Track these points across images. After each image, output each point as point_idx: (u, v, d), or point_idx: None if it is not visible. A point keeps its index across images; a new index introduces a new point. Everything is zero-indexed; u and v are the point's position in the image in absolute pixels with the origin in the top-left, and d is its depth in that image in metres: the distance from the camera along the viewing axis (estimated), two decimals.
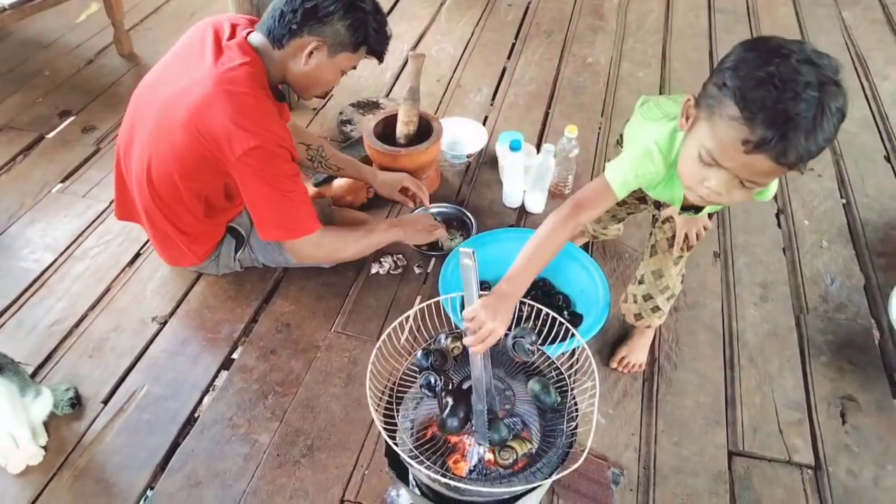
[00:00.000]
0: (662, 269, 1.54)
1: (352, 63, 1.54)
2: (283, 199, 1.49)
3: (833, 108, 0.94)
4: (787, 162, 0.97)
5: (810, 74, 0.93)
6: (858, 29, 3.20)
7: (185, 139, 1.45)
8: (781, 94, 0.93)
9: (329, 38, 1.46)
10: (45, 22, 2.92)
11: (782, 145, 0.94)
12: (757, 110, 0.94)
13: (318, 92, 1.61)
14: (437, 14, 3.20)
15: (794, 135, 0.93)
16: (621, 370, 1.68)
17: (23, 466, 1.43)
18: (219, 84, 1.40)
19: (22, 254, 1.92)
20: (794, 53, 0.95)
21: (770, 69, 0.94)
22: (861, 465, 1.52)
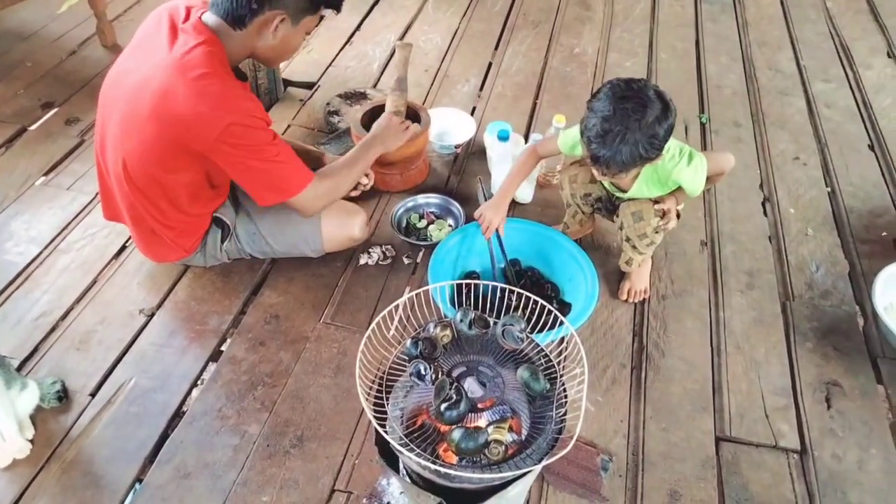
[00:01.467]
0: (643, 211, 1.65)
1: (314, 23, 1.55)
2: (270, 165, 1.50)
3: (644, 145, 1.39)
4: (608, 172, 1.46)
5: (627, 121, 1.37)
6: (842, 18, 3.22)
7: (154, 130, 1.43)
8: (600, 141, 1.40)
9: (290, 8, 1.45)
10: (27, 13, 2.88)
11: (599, 163, 1.44)
12: (587, 142, 1.43)
13: (286, 59, 1.65)
14: (424, 4, 3.18)
15: (603, 157, 1.41)
16: (632, 300, 1.83)
17: (9, 460, 1.42)
18: (177, 69, 1.38)
19: (6, 247, 1.90)
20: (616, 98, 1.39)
21: (599, 114, 1.40)
22: (845, 448, 1.54)
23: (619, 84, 1.42)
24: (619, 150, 1.38)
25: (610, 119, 1.38)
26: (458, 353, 1.24)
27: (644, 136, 1.38)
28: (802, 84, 2.76)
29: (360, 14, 3.08)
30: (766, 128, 2.51)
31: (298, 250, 1.80)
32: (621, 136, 1.37)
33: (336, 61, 2.77)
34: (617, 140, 1.38)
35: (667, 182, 1.61)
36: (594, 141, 1.41)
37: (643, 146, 1.39)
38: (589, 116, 1.43)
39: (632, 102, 1.38)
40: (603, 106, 1.40)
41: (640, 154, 1.40)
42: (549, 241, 1.83)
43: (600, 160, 1.42)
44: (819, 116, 2.58)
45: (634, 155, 1.40)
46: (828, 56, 2.94)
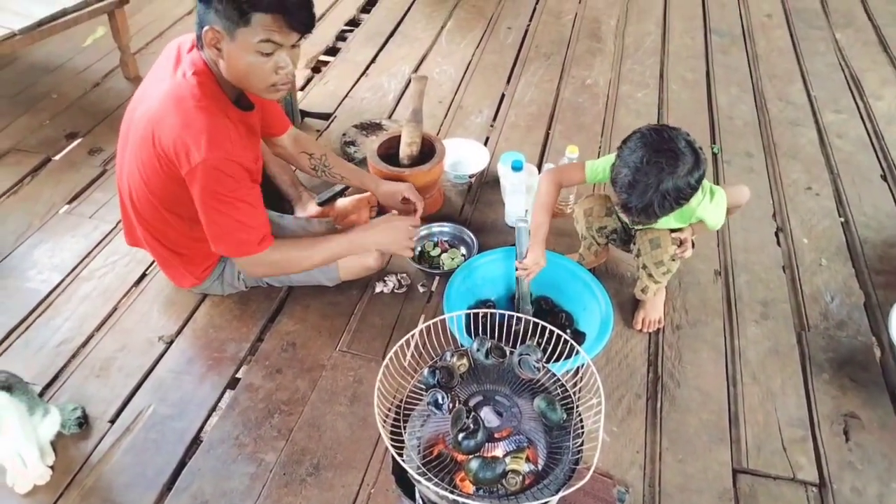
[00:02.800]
0: (660, 238, 1.66)
1: (257, 37, 1.34)
2: (227, 219, 1.47)
3: (672, 198, 1.41)
4: (636, 221, 1.54)
5: (651, 170, 1.39)
6: (852, 50, 3.25)
7: (147, 156, 1.47)
8: (631, 182, 1.42)
9: (219, 21, 1.34)
10: (53, 46, 2.96)
11: (629, 212, 1.47)
12: (618, 189, 1.45)
13: (261, 85, 1.43)
14: (438, 37, 3.25)
15: (634, 209, 1.44)
16: (646, 330, 1.83)
17: (30, 486, 1.43)
18: (169, 98, 1.41)
19: (29, 274, 1.94)
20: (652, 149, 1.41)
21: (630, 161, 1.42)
22: (865, 482, 1.53)
23: (651, 133, 1.44)
24: (650, 201, 1.40)
25: (641, 170, 1.40)
26: (474, 383, 1.25)
27: (675, 188, 1.40)
28: (813, 115, 2.78)
29: (376, 47, 3.15)
30: (777, 158, 2.53)
31: (314, 279, 1.82)
32: (654, 188, 1.39)
33: (352, 93, 2.83)
34: (649, 192, 1.40)
35: (689, 218, 1.64)
36: (625, 192, 1.43)
37: (673, 198, 1.41)
38: (619, 166, 1.45)
39: (664, 156, 1.40)
40: (635, 158, 1.41)
41: (671, 206, 1.43)
42: (563, 269, 1.85)
43: (631, 210, 1.45)
44: (831, 147, 2.60)
45: (665, 207, 1.42)
46: (838, 87, 2.97)
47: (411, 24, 3.34)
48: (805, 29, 3.42)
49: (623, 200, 1.44)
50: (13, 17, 2.37)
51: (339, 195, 2.11)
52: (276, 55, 1.39)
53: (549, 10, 3.51)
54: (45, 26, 2.42)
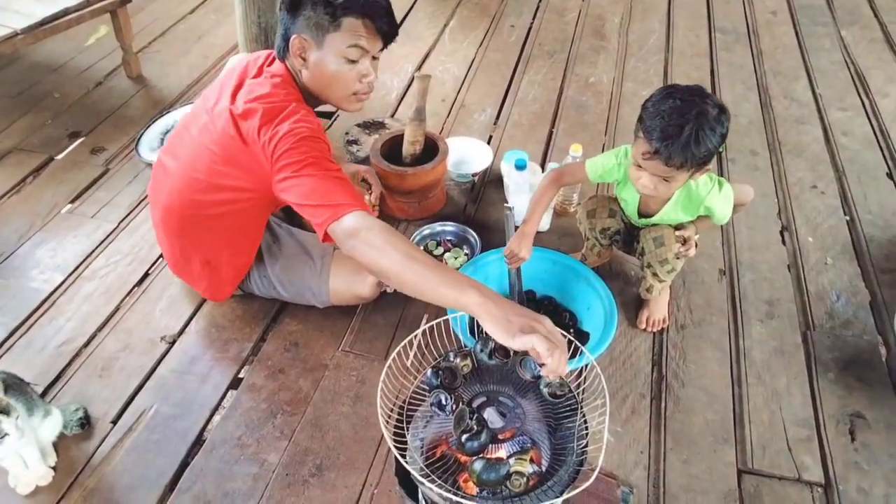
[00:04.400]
0: (664, 236, 1.66)
1: (345, 42, 1.38)
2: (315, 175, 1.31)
3: (706, 130, 1.38)
4: (674, 164, 1.42)
5: (690, 109, 1.39)
6: (857, 47, 3.23)
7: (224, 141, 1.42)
8: (667, 122, 1.40)
9: (307, 29, 1.38)
10: (55, 45, 2.96)
11: (667, 154, 1.41)
12: (651, 133, 1.42)
13: (344, 93, 1.45)
14: (441, 35, 3.24)
15: (674, 147, 1.40)
16: (650, 330, 1.83)
17: (32, 487, 1.43)
18: (254, 87, 1.42)
19: (31, 274, 1.94)
20: (681, 96, 1.42)
21: (663, 107, 1.41)
22: (871, 482, 1.52)
23: (675, 86, 1.47)
24: (689, 136, 1.38)
25: (677, 111, 1.39)
26: (477, 383, 1.24)
27: (710, 126, 1.39)
28: (818, 112, 2.77)
29: None
30: (782, 156, 2.52)
31: (305, 299, 1.79)
32: (692, 119, 1.38)
33: None
34: (687, 128, 1.38)
35: (698, 207, 1.63)
36: (663, 131, 1.40)
37: (712, 137, 1.40)
38: (650, 114, 1.43)
39: (696, 97, 1.41)
40: (665, 104, 1.42)
41: (708, 145, 1.40)
42: (566, 269, 1.84)
43: (672, 146, 1.39)
44: (836, 145, 2.58)
45: (703, 143, 1.39)
46: (843, 85, 2.95)
47: (414, 23, 3.33)
48: (810, 26, 3.40)
49: (658, 143, 1.40)
50: (15, 17, 2.37)
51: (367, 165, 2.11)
52: (360, 63, 1.43)
53: (552, 7, 3.50)
54: (48, 25, 2.42)
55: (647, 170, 1.49)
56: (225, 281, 1.74)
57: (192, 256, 1.68)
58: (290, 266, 1.74)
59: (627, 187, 1.69)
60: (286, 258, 1.74)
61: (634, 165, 1.52)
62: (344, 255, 1.77)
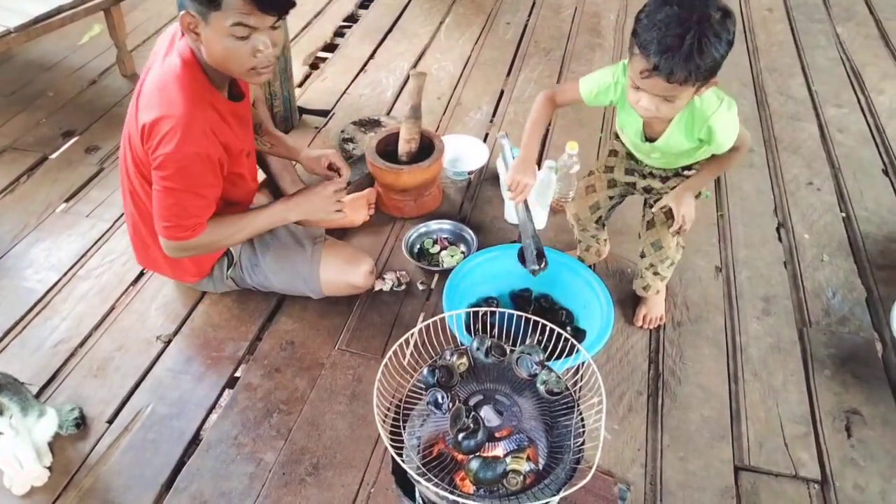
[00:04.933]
0: (661, 239, 1.65)
1: (229, 20, 1.31)
2: (172, 203, 1.46)
3: (710, 37, 1.22)
4: (677, 80, 1.26)
5: (691, 15, 1.22)
6: (853, 44, 3.23)
7: (135, 136, 1.46)
8: (665, 33, 1.23)
9: (193, 5, 1.32)
10: (49, 44, 2.95)
11: (668, 68, 1.24)
12: (648, 46, 1.25)
13: (240, 69, 1.41)
14: (436, 32, 3.23)
15: (675, 61, 1.23)
16: (647, 327, 1.82)
17: (28, 487, 1.42)
18: (155, 84, 1.42)
19: (26, 274, 1.93)
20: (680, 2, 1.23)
21: (660, 16, 1.24)
22: (868, 478, 1.52)
23: None
24: (692, 45, 1.21)
25: (675, 18, 1.23)
26: (474, 381, 1.24)
27: (715, 32, 1.23)
28: (814, 109, 2.77)
29: (374, 43, 3.13)
30: (778, 153, 2.52)
31: (297, 289, 1.79)
32: (694, 30, 1.21)
33: (350, 89, 2.81)
34: (689, 36, 1.21)
35: (702, 127, 1.44)
36: (661, 42, 1.23)
37: (717, 44, 1.23)
38: (645, 26, 1.26)
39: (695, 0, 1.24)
40: (661, 12, 1.25)
41: (714, 54, 1.24)
42: (563, 266, 1.83)
43: (673, 59, 1.23)
44: (832, 141, 2.58)
45: (708, 52, 1.22)
46: (839, 81, 2.95)
47: (410, 20, 3.32)
48: (806, 23, 3.40)
49: (658, 54, 1.23)
50: (8, 15, 2.36)
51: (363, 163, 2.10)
52: (252, 38, 1.35)
53: (548, 5, 3.49)
54: (41, 24, 2.41)
55: (646, 90, 1.32)
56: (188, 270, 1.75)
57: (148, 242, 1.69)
58: (281, 254, 1.74)
59: (627, 109, 1.52)
60: (277, 247, 1.74)
61: (632, 87, 1.36)
62: (336, 243, 1.81)
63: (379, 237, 2.09)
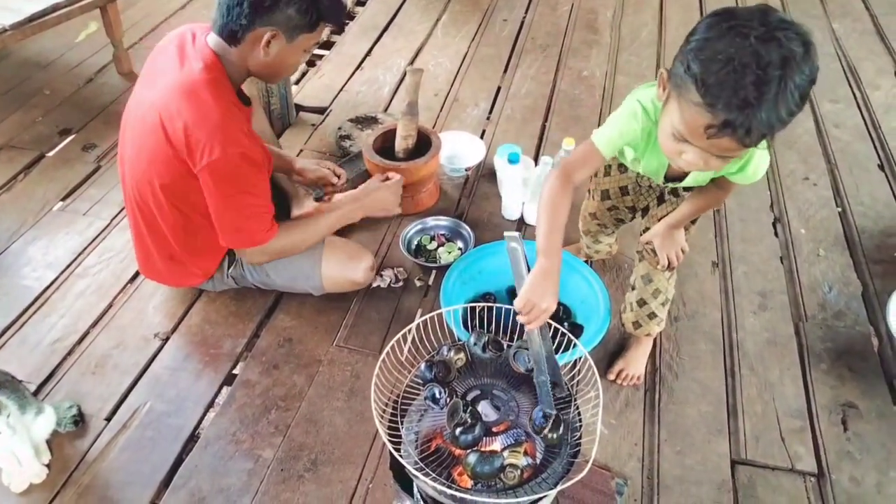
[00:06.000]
0: (651, 273, 1.58)
1: (313, 41, 1.50)
2: (239, 211, 1.52)
3: (796, 81, 0.95)
4: (751, 141, 1.01)
5: (771, 53, 0.94)
6: (849, 40, 3.24)
7: (159, 148, 1.45)
8: (740, 78, 0.94)
9: (283, 25, 1.41)
10: (45, 42, 2.94)
11: (744, 129, 0.97)
12: (717, 97, 0.96)
13: (285, 76, 1.61)
14: (433, 29, 3.23)
15: (754, 118, 0.96)
16: (620, 383, 1.68)
17: (26, 485, 1.43)
18: (180, 90, 1.41)
19: (24, 272, 1.93)
20: (755, 30, 0.95)
21: (731, 51, 0.95)
22: (864, 472, 1.53)
23: (732, 12, 1.00)
24: (777, 97, 0.94)
25: (754, 54, 0.94)
26: (471, 377, 1.24)
27: (802, 70, 0.95)
28: (810, 104, 2.77)
29: (371, 40, 3.13)
30: (774, 148, 2.52)
31: (299, 286, 1.80)
32: (781, 75, 0.93)
33: (347, 86, 2.81)
34: (773, 86, 0.94)
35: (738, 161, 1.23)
36: (738, 93, 0.95)
37: (805, 86, 0.97)
38: (708, 62, 0.97)
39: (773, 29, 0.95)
40: (731, 40, 0.95)
41: (802, 100, 0.98)
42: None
43: (754, 115, 0.96)
44: (828, 136, 2.59)
45: (794, 102, 0.97)
46: (835, 76, 2.96)
47: (406, 17, 3.32)
48: (802, 18, 3.38)
49: (738, 106, 0.95)
50: (4, 13, 2.35)
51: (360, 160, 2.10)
52: None
53: (544, 1, 3.49)
54: (37, 21, 2.40)
55: (701, 147, 1.05)
56: (194, 274, 1.75)
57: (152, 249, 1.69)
58: None
59: (650, 155, 1.31)
60: None
61: (677, 139, 1.08)
62: (337, 240, 1.81)
63: (376, 233, 2.09)
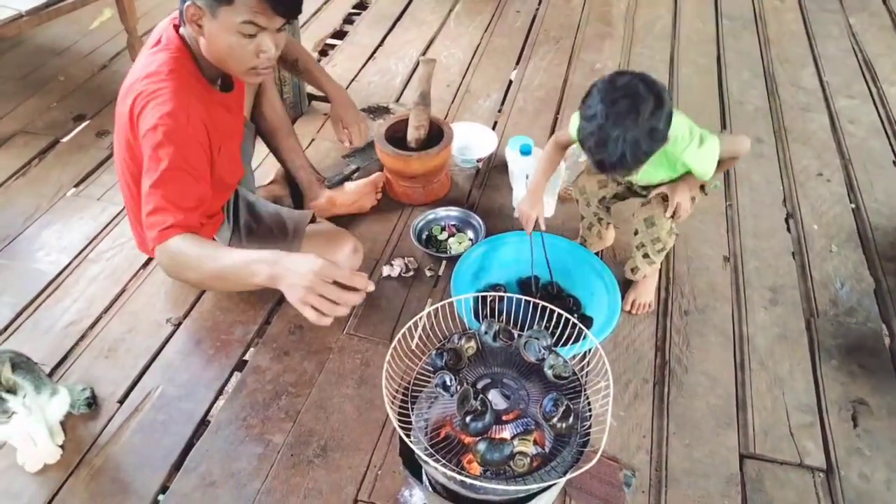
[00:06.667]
0: (654, 216, 1.65)
1: (239, 17, 1.30)
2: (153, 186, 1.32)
3: (643, 144, 1.35)
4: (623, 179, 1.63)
5: (617, 129, 1.34)
6: (865, 35, 3.21)
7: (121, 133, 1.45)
8: (598, 154, 1.39)
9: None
10: (60, 29, 2.96)
11: (611, 176, 1.59)
12: (589, 156, 1.43)
13: (240, 67, 1.39)
14: (446, 20, 3.22)
15: (611, 170, 1.42)
16: (635, 312, 1.82)
17: (41, 465, 1.44)
18: (142, 71, 1.38)
19: (38, 256, 1.95)
20: (609, 102, 1.35)
21: (590, 127, 1.38)
22: (873, 468, 1.52)
23: (605, 85, 1.39)
24: (622, 153, 1.35)
25: (604, 126, 1.35)
26: (482, 365, 1.24)
27: (643, 132, 1.35)
28: (825, 100, 2.75)
29: (384, 30, 3.12)
30: (788, 144, 2.50)
31: None
32: (621, 139, 1.34)
33: (359, 76, 2.81)
34: (619, 145, 1.34)
35: (675, 165, 1.59)
36: (594, 151, 1.39)
37: (645, 144, 1.36)
38: (583, 126, 1.40)
39: (624, 102, 1.34)
40: (595, 112, 1.37)
41: (644, 152, 1.37)
42: (570, 255, 1.84)
43: (606, 166, 1.40)
44: (842, 132, 2.57)
45: (638, 154, 1.37)
46: (851, 72, 2.93)
47: (419, 7, 3.31)
48: (818, 13, 3.38)
49: (596, 160, 1.40)
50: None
51: (348, 178, 2.11)
52: (258, 38, 1.35)
53: None
54: (52, 7, 2.41)
55: None
56: None
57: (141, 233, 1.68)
58: (264, 246, 1.71)
59: None
60: (261, 238, 1.73)
61: None
62: (315, 234, 1.77)
63: (387, 224, 2.10)
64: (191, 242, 1.31)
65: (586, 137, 1.39)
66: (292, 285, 1.20)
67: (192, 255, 1.29)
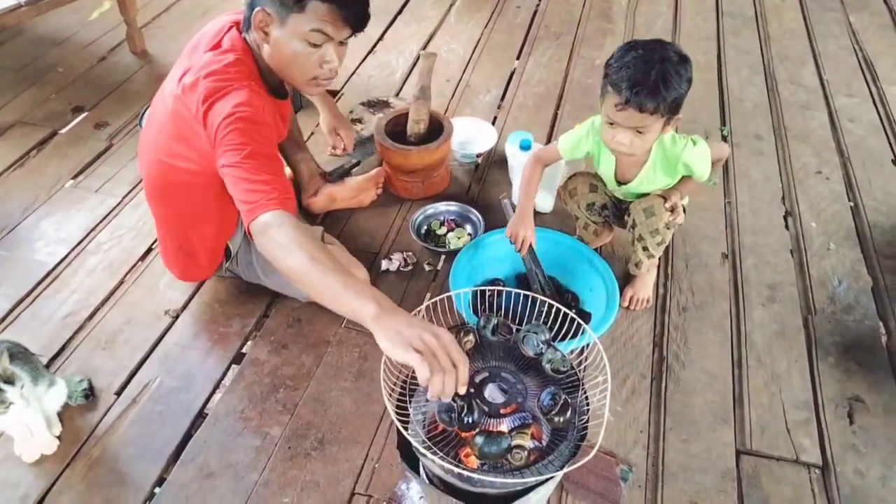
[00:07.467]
0: (654, 206, 1.66)
1: (308, 25, 1.32)
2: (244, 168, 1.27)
3: (672, 74, 1.40)
4: (648, 110, 1.42)
5: (653, 56, 1.41)
6: (866, 33, 3.21)
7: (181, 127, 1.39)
8: (633, 72, 1.41)
9: (272, 4, 1.31)
10: (59, 19, 2.95)
11: (638, 100, 1.40)
12: (619, 83, 1.42)
13: (303, 77, 1.40)
14: (446, 15, 3.22)
15: (644, 93, 1.40)
16: (633, 308, 1.83)
17: (37, 455, 1.44)
18: (204, 69, 1.35)
19: (36, 247, 1.94)
20: (641, 45, 1.44)
21: (626, 59, 1.43)
22: (869, 465, 1.53)
23: (634, 41, 1.48)
24: (657, 79, 1.39)
25: (641, 59, 1.41)
26: (480, 359, 1.24)
27: (675, 70, 1.41)
28: (825, 98, 2.75)
29: (384, 24, 3.12)
30: (787, 141, 2.51)
31: (287, 291, 1.76)
32: (657, 67, 1.39)
33: (359, 70, 2.81)
34: (654, 72, 1.39)
35: (676, 165, 1.63)
36: (631, 79, 1.40)
37: (678, 80, 1.42)
38: (615, 69, 1.44)
39: (656, 46, 1.45)
40: (628, 56, 1.43)
41: (677, 88, 1.42)
42: (569, 250, 1.84)
43: (642, 91, 1.39)
44: (842, 131, 2.57)
45: (672, 86, 1.40)
46: (851, 71, 2.93)
47: (420, 2, 3.31)
48: (818, 11, 3.37)
49: (627, 89, 1.41)
50: None
51: (348, 172, 2.10)
52: (323, 48, 1.36)
53: None
54: None
55: (620, 124, 1.48)
56: (202, 266, 1.72)
57: (166, 238, 1.69)
58: None
59: (602, 156, 1.70)
60: None
61: (607, 124, 1.51)
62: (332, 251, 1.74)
63: (386, 218, 2.10)
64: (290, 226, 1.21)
65: (620, 73, 1.42)
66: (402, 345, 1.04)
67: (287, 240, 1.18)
